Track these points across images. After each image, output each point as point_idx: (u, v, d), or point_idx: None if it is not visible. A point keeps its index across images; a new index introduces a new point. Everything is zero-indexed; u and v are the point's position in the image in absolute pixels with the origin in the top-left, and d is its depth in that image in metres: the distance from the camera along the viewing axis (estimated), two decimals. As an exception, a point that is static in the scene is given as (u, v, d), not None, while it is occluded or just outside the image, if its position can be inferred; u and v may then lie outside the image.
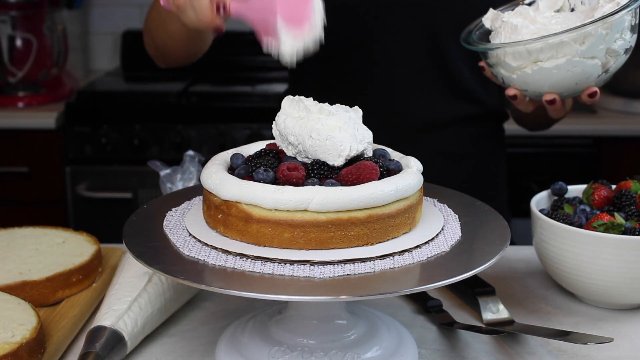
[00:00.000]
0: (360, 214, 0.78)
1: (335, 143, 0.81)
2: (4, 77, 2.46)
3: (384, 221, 0.80)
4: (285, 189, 0.78)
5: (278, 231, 0.78)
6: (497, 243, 0.83)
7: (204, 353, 0.92)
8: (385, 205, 0.80)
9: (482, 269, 0.78)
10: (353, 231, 0.79)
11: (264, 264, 0.77)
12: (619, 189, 1.06)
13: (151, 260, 0.79)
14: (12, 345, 0.81)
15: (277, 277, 0.75)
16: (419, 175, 0.85)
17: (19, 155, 2.38)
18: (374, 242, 0.80)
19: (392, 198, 0.80)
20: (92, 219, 2.43)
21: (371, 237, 0.80)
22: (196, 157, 1.13)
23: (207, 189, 0.83)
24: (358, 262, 0.78)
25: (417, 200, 0.85)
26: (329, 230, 0.78)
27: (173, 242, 0.83)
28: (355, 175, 0.80)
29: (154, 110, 2.40)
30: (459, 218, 0.89)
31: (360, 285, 0.74)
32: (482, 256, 0.80)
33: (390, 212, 0.80)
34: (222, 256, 0.79)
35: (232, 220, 0.81)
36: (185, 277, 0.75)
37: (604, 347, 0.93)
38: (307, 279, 0.75)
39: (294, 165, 0.81)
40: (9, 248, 1.04)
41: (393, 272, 0.76)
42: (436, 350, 0.93)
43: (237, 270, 0.76)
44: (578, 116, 2.39)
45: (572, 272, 1.00)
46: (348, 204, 0.77)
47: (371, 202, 0.79)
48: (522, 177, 2.36)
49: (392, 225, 0.81)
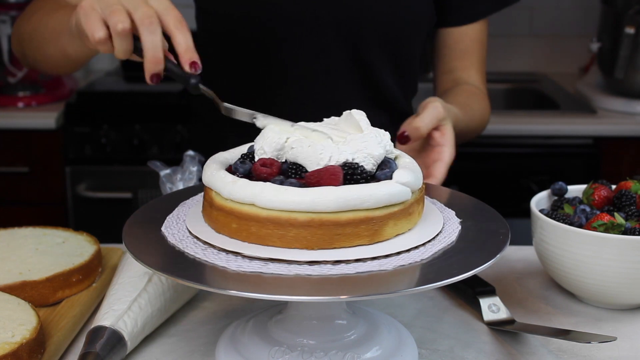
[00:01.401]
0: (300, 216, 0.77)
1: (317, 150, 0.82)
2: (4, 77, 2.46)
3: (328, 228, 0.78)
4: (240, 181, 0.80)
5: (228, 220, 0.81)
6: (497, 243, 0.83)
7: (204, 353, 0.92)
8: (332, 213, 0.77)
9: (482, 268, 0.77)
10: (291, 232, 0.78)
11: (264, 264, 0.77)
12: (619, 189, 1.06)
13: (151, 260, 0.79)
14: (12, 345, 0.81)
15: (278, 277, 0.75)
16: (394, 189, 0.80)
17: (19, 155, 2.38)
18: (314, 247, 0.78)
19: (339, 207, 0.77)
20: (92, 219, 2.43)
21: (312, 242, 0.78)
22: (196, 157, 1.13)
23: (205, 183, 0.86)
24: (358, 262, 0.78)
25: (385, 214, 0.80)
26: (267, 227, 0.78)
27: (173, 242, 0.83)
28: (317, 178, 0.79)
29: (154, 110, 2.40)
30: (458, 218, 0.89)
31: (360, 285, 0.74)
32: (482, 256, 0.80)
33: (339, 220, 0.77)
34: (222, 256, 0.79)
35: (205, 205, 0.85)
36: (185, 277, 0.75)
37: (604, 347, 0.93)
38: (308, 278, 0.75)
39: (271, 161, 0.82)
40: (9, 248, 1.04)
41: (393, 272, 0.76)
42: (436, 350, 0.93)
43: (237, 270, 0.76)
44: (578, 116, 2.40)
45: (572, 272, 1.00)
46: (288, 205, 0.77)
47: (312, 207, 0.77)
48: (522, 177, 2.36)
49: (339, 234, 0.78)
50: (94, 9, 0.92)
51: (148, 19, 0.90)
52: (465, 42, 1.39)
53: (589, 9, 2.88)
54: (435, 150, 1.12)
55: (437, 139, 1.12)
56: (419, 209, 0.86)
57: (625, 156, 2.36)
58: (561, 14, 2.95)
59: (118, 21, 0.89)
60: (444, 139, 1.12)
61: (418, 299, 1.05)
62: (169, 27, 0.92)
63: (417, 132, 1.09)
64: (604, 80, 2.54)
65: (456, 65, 1.40)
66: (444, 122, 1.12)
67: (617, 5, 2.40)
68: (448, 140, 1.12)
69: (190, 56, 0.92)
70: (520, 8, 2.90)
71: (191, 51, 0.92)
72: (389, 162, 0.85)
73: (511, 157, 2.38)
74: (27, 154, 2.38)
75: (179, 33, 0.92)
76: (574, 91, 2.66)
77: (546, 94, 2.67)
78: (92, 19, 0.91)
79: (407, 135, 1.08)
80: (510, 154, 2.38)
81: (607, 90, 2.51)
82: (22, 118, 2.38)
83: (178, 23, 0.92)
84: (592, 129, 2.35)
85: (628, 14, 2.33)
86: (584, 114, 2.41)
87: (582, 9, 2.93)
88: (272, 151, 0.85)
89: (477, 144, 2.31)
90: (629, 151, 2.36)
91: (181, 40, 0.92)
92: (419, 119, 1.10)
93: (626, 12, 2.34)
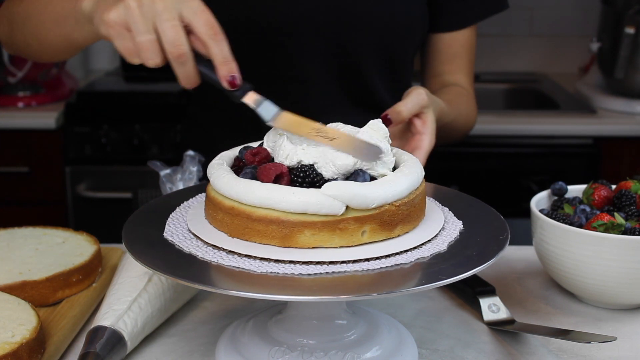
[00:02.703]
0: (226, 201, 0.82)
1: (284, 147, 0.84)
2: (4, 77, 2.46)
3: (242, 220, 0.80)
4: (211, 166, 0.86)
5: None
6: (497, 243, 0.83)
7: (204, 353, 0.92)
8: (249, 206, 0.80)
9: (482, 268, 0.77)
10: (219, 215, 0.82)
11: (264, 264, 0.77)
12: (619, 189, 1.06)
13: (151, 260, 0.79)
14: (12, 345, 0.81)
15: (278, 277, 0.75)
16: (313, 198, 0.78)
17: (19, 155, 2.38)
18: (232, 235, 0.81)
19: (252, 201, 0.79)
20: (92, 219, 2.43)
21: (231, 229, 0.82)
22: (196, 157, 1.13)
23: None
24: (358, 262, 0.78)
25: (299, 222, 0.78)
26: (209, 207, 0.85)
27: (173, 242, 0.83)
28: (261, 171, 0.82)
29: (154, 110, 2.40)
30: (458, 218, 0.89)
31: (360, 285, 0.74)
32: (482, 256, 0.80)
33: (251, 214, 0.79)
34: (222, 255, 0.79)
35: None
36: (185, 277, 0.75)
37: (604, 347, 0.93)
38: (308, 278, 0.75)
39: (257, 150, 0.87)
40: (9, 248, 1.04)
41: (393, 272, 0.76)
42: (436, 350, 0.93)
43: (237, 270, 0.76)
44: (578, 116, 2.40)
45: (572, 272, 1.00)
46: (223, 191, 0.82)
47: (237, 197, 0.80)
48: (522, 177, 2.36)
49: (251, 228, 0.80)
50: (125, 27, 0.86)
51: (177, 51, 0.85)
52: (456, 47, 1.39)
53: (589, 9, 2.88)
54: (415, 138, 1.12)
55: (418, 126, 1.12)
56: (367, 228, 0.80)
57: (625, 156, 2.36)
58: (561, 14, 2.95)
59: (149, 58, 0.86)
60: (425, 127, 1.12)
61: (418, 299, 1.05)
62: (201, 36, 0.86)
63: (399, 116, 1.08)
64: (604, 80, 2.54)
65: (445, 69, 1.41)
66: (425, 110, 1.12)
67: (617, 5, 2.40)
68: (428, 129, 1.12)
69: (227, 70, 0.87)
70: (520, 8, 2.91)
71: (228, 63, 0.87)
72: (359, 173, 0.82)
73: (511, 157, 2.38)
74: (27, 154, 2.38)
75: (213, 43, 0.86)
76: (574, 91, 2.66)
77: (546, 94, 2.67)
78: (125, 40, 0.87)
79: (389, 118, 1.08)
80: (510, 154, 2.38)
81: (607, 90, 2.51)
82: (22, 118, 2.38)
83: (210, 30, 0.86)
84: (592, 129, 2.35)
85: (628, 14, 2.33)
86: (584, 114, 2.41)
87: (582, 9, 2.93)
88: (270, 143, 0.88)
89: (477, 144, 2.32)
90: (629, 151, 2.36)
91: (216, 51, 0.87)
92: (402, 103, 1.10)
93: (626, 12, 2.34)
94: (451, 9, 1.37)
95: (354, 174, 0.82)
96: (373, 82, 1.33)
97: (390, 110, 1.09)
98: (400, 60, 1.35)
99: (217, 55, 0.87)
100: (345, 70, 1.31)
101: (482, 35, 2.61)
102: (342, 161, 0.81)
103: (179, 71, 0.87)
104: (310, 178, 0.81)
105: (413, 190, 0.84)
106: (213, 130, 1.40)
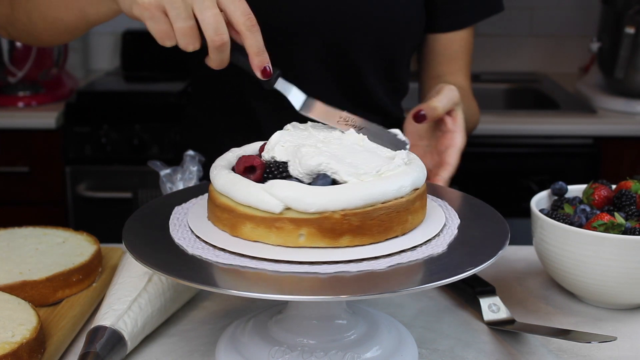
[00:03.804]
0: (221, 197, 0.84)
1: (270, 140, 0.87)
2: (4, 77, 2.46)
3: (212, 207, 0.85)
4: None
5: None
6: (497, 243, 0.83)
7: (204, 353, 0.92)
8: (218, 192, 0.84)
9: (482, 268, 0.77)
10: (210, 206, 0.86)
11: (264, 264, 0.77)
12: (619, 189, 1.06)
13: (151, 260, 0.79)
14: (12, 345, 0.81)
15: (278, 277, 0.75)
16: (252, 192, 0.79)
17: (19, 155, 2.38)
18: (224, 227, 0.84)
19: (219, 189, 0.83)
20: (92, 219, 2.43)
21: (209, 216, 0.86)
22: (196, 157, 1.13)
23: None
24: (358, 262, 0.77)
25: (242, 213, 0.80)
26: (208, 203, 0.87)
27: (173, 241, 0.83)
28: (238, 162, 0.85)
29: (154, 110, 2.40)
30: (458, 217, 0.89)
31: (360, 285, 0.74)
32: (482, 256, 0.80)
33: (215, 199, 0.84)
34: (222, 255, 0.79)
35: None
36: (186, 277, 0.75)
37: (604, 347, 0.93)
38: (307, 278, 0.75)
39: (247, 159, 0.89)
40: (9, 248, 1.04)
41: (393, 272, 0.76)
42: (436, 350, 0.93)
43: (237, 270, 0.76)
44: (578, 116, 2.40)
45: (572, 272, 1.00)
46: (211, 180, 0.86)
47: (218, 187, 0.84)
48: (522, 177, 2.36)
49: (214, 213, 0.84)
50: (162, 10, 0.87)
51: (220, 40, 0.87)
52: (453, 48, 1.40)
53: (589, 9, 2.88)
54: (447, 136, 1.11)
55: (449, 124, 1.11)
56: (305, 232, 0.78)
57: (625, 156, 2.36)
58: (561, 14, 2.95)
59: (189, 43, 0.88)
60: (456, 125, 1.11)
61: (418, 299, 1.05)
62: (238, 25, 0.88)
63: (435, 112, 1.08)
64: (604, 80, 2.54)
65: (444, 70, 1.41)
66: (456, 107, 1.12)
67: (617, 5, 2.40)
68: (459, 127, 1.11)
69: (261, 61, 0.89)
70: (520, 8, 2.91)
71: (262, 54, 0.89)
72: (321, 177, 0.80)
73: (511, 157, 2.38)
74: (27, 154, 2.38)
75: (249, 34, 0.89)
76: (574, 91, 2.66)
77: (546, 94, 2.67)
78: (159, 23, 0.88)
79: (423, 114, 1.07)
80: (510, 154, 2.38)
81: (607, 90, 2.51)
82: (22, 118, 2.38)
83: (248, 21, 0.89)
84: (592, 129, 2.35)
85: (628, 14, 2.33)
86: (584, 114, 2.41)
87: (582, 9, 2.93)
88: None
89: (477, 144, 2.32)
90: (629, 151, 2.36)
91: (252, 42, 0.89)
92: (437, 99, 1.09)
93: (626, 12, 2.34)
94: (450, 10, 1.37)
95: (317, 176, 0.81)
96: (371, 83, 1.33)
97: (425, 106, 1.08)
98: (398, 61, 1.36)
99: (252, 46, 0.89)
100: (343, 70, 1.31)
101: (482, 35, 2.61)
102: (306, 161, 0.81)
103: (214, 57, 0.89)
104: (280, 175, 0.82)
105: (371, 202, 0.79)
106: (213, 131, 1.40)
